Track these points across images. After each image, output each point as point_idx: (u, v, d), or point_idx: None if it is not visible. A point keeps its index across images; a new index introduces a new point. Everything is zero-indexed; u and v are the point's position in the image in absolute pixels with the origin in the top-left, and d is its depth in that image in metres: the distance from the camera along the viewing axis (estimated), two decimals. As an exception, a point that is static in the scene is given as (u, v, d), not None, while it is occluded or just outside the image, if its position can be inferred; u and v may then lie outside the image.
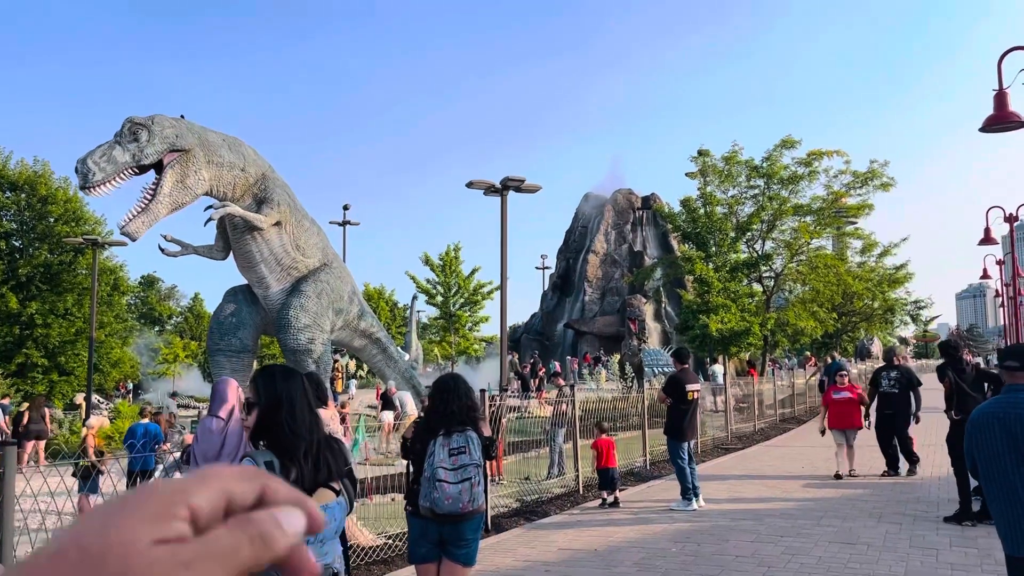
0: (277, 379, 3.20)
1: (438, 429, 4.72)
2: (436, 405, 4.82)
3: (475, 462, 4.58)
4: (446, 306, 35.50)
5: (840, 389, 13.03)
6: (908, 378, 12.95)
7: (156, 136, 19.77)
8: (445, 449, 4.62)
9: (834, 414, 12.89)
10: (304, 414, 3.11)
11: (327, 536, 3.05)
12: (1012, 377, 4.17)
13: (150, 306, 77.44)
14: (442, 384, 4.94)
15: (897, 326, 53.60)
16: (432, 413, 4.84)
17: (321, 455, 3.06)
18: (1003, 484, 4.07)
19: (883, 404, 12.85)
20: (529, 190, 20.69)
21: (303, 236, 22.66)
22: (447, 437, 4.67)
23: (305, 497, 0.57)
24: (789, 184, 27.45)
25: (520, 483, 12.95)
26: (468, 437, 4.65)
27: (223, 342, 22.58)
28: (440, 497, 4.50)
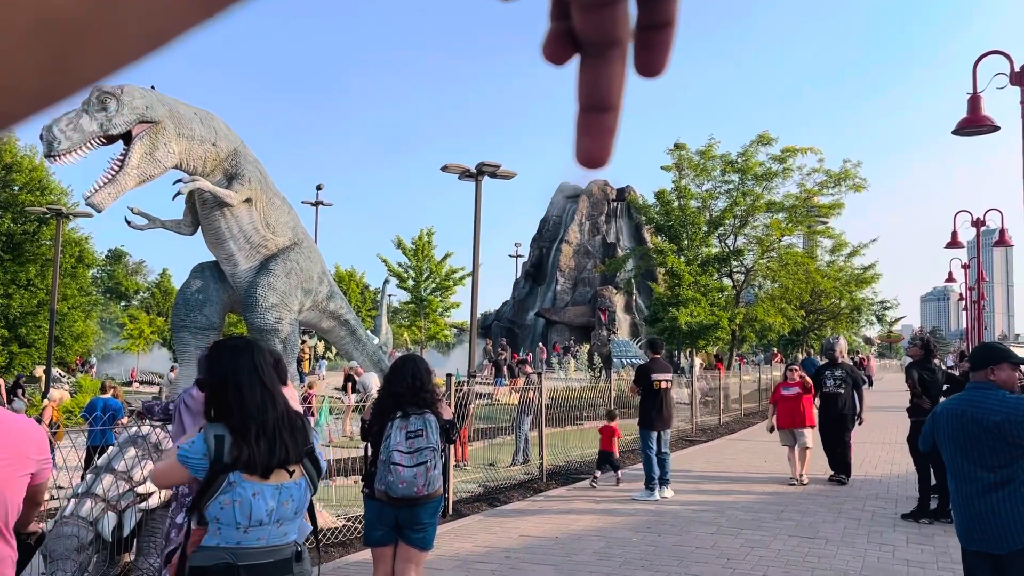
0: (223, 358, 3.09)
1: (395, 411, 4.64)
2: (393, 386, 4.74)
3: (431, 446, 4.51)
4: (417, 290, 35.32)
5: (789, 385, 11.84)
6: (853, 377, 12.13)
7: (125, 106, 19.26)
8: (402, 432, 4.54)
9: (782, 412, 11.73)
10: (255, 393, 2.99)
11: (285, 516, 2.96)
12: (974, 376, 4.21)
13: (117, 281, 76.18)
14: (399, 365, 4.86)
15: (863, 326, 54.26)
16: (389, 394, 4.76)
17: (278, 435, 2.96)
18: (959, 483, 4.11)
19: (828, 406, 11.85)
20: (504, 176, 20.57)
21: (273, 214, 22.28)
22: (404, 419, 4.59)
23: None
24: (763, 180, 27.63)
25: (484, 469, 12.91)
26: (426, 420, 4.57)
27: (188, 319, 22.18)
28: (395, 481, 4.42)
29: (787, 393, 11.81)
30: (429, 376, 4.77)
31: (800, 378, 11.88)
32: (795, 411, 11.58)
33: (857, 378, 12.22)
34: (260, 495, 2.87)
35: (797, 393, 11.68)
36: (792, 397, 11.70)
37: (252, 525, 2.86)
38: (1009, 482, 3.90)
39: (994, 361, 4.14)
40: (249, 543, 2.87)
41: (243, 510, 2.83)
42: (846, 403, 11.80)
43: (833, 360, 12.39)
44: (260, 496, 2.87)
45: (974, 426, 4.01)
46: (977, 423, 3.99)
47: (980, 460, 3.99)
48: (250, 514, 2.84)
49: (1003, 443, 3.91)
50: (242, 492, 2.84)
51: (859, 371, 13.07)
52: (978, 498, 3.98)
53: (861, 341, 70.58)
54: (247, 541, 2.86)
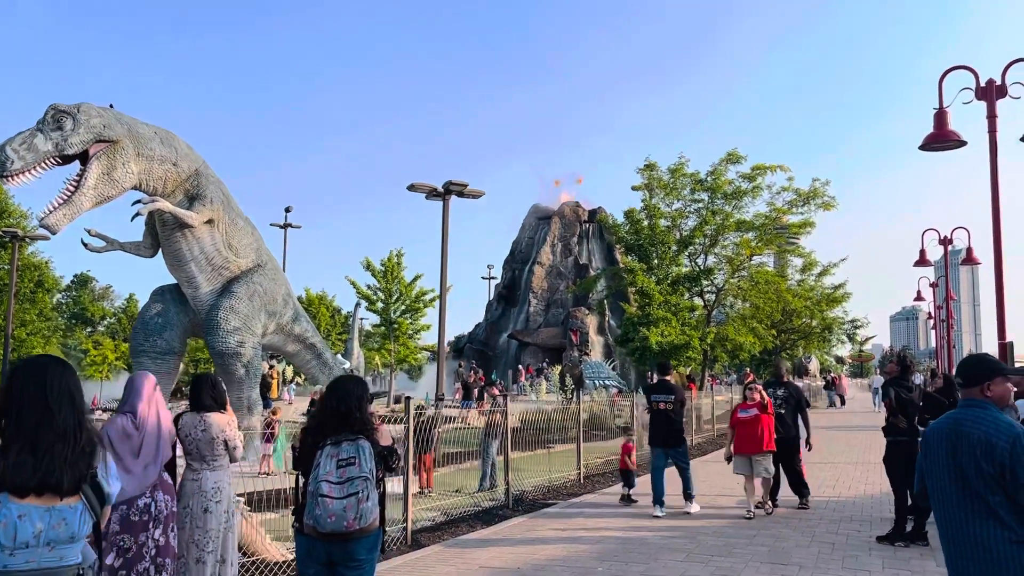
0: (15, 374, 3.02)
1: (326, 437, 4.25)
2: (324, 411, 4.36)
3: (364, 475, 4.11)
4: (387, 313, 34.74)
5: (747, 406, 10.64)
6: (797, 398, 11.29)
7: (82, 125, 18.75)
8: (332, 460, 4.15)
9: (739, 436, 10.54)
10: (33, 410, 2.92)
11: (57, 540, 2.88)
12: (965, 392, 3.83)
13: (82, 306, 74.82)
14: (332, 388, 4.49)
15: (834, 345, 54.56)
16: (319, 420, 4.37)
17: (50, 456, 2.89)
18: (948, 517, 3.71)
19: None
20: (472, 195, 20.29)
21: (236, 235, 21.80)
22: (335, 447, 4.20)
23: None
24: (732, 199, 27.60)
25: (449, 496, 12.47)
26: (359, 447, 4.18)
27: (148, 343, 21.56)
28: (323, 514, 4.02)
29: (745, 416, 10.58)
30: (363, 400, 4.39)
31: (760, 397, 10.74)
32: (752, 435, 10.38)
33: (801, 399, 11.42)
34: (27, 517, 2.85)
35: (755, 415, 10.47)
36: (750, 420, 10.47)
37: (18, 547, 2.83)
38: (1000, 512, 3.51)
39: (988, 376, 3.74)
40: (16, 565, 2.84)
41: (7, 531, 2.81)
42: (789, 426, 10.97)
43: (778, 378, 11.65)
44: (27, 518, 2.85)
45: (967, 449, 3.61)
46: (970, 446, 3.60)
47: (971, 487, 3.59)
48: (15, 535, 2.81)
49: (996, 468, 3.52)
50: (7, 513, 2.82)
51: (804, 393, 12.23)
52: (967, 527, 3.59)
53: (833, 360, 70.99)
54: (14, 564, 2.84)
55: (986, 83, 11.66)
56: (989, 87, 11.59)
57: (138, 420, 5.16)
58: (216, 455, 5.63)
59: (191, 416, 5.66)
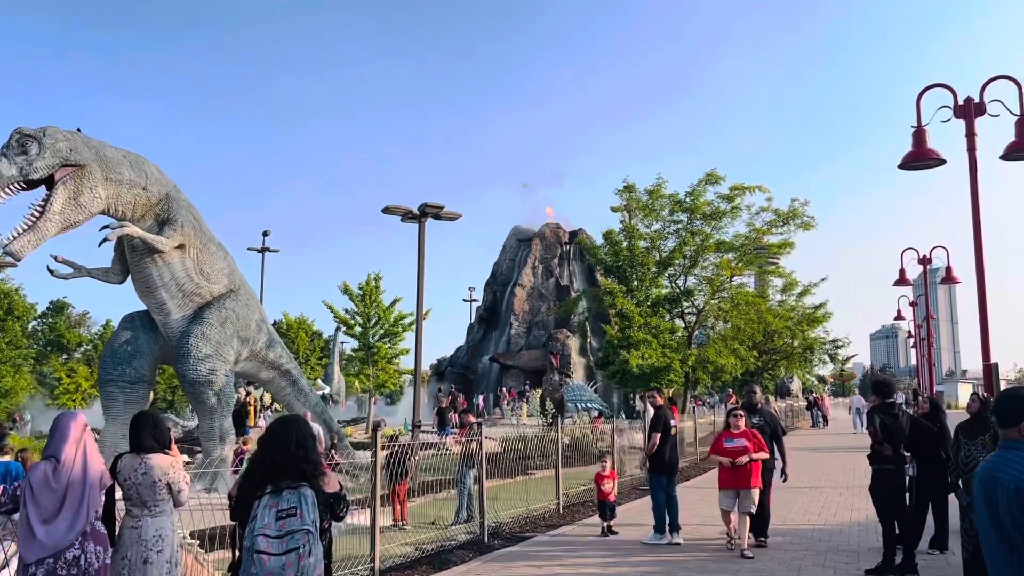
0: None
1: (265, 485, 3.87)
2: (268, 454, 3.96)
3: (306, 527, 3.72)
4: (365, 337, 34.28)
5: (733, 435, 9.81)
6: (772, 426, 10.62)
7: (47, 149, 18.31)
8: (271, 511, 3.76)
9: (724, 469, 9.77)
10: None
11: None
12: (1004, 432, 3.34)
13: (58, 333, 73.73)
14: (271, 430, 4.10)
15: (816, 365, 54.52)
16: (261, 464, 3.97)
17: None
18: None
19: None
20: (448, 217, 19.99)
21: (208, 260, 21.35)
22: (275, 496, 3.82)
23: None
24: (712, 220, 27.50)
25: (422, 529, 12.03)
26: (301, 495, 3.79)
27: (116, 372, 20.99)
28: (259, 573, 3.62)
29: (731, 446, 9.76)
30: (314, 442, 4.01)
31: (746, 427, 10.02)
32: (740, 469, 9.62)
33: (777, 427, 10.79)
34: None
35: (743, 446, 9.66)
36: (738, 451, 9.65)
37: None
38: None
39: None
40: None
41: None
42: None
43: (752, 405, 10.91)
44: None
45: (1002, 497, 3.08)
46: (1005, 493, 3.08)
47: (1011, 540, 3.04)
48: None
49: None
50: None
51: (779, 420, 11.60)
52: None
53: (815, 380, 71.03)
54: None
55: (964, 101, 11.52)
56: (967, 105, 11.45)
57: (62, 466, 4.75)
58: (158, 500, 5.21)
59: (131, 458, 5.24)
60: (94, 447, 5.01)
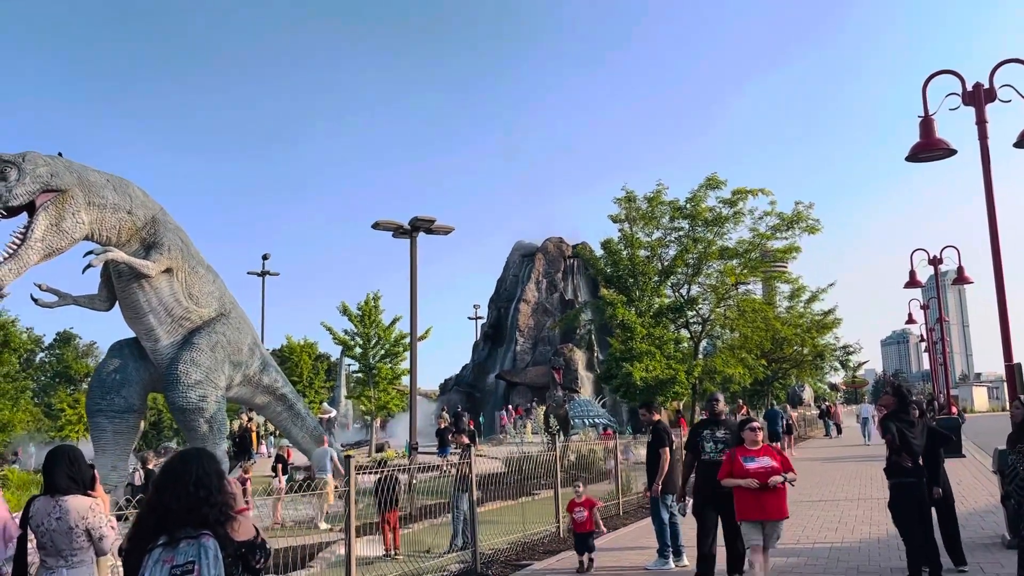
0: None
1: (156, 536, 3.20)
2: (162, 497, 3.28)
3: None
4: (365, 358, 33.65)
5: (752, 453, 7.64)
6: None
7: (27, 175, 17.81)
8: (164, 567, 3.09)
9: (748, 496, 7.52)
10: None
11: None
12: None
13: (66, 364, 73.47)
14: (166, 467, 3.41)
15: (827, 372, 53.64)
16: (153, 510, 3.29)
17: None
18: None
19: (705, 480, 8.52)
20: (441, 231, 19.40)
21: (197, 284, 20.78)
22: (169, 549, 3.15)
23: None
24: (714, 226, 26.83)
25: (415, 559, 11.35)
26: (201, 547, 3.11)
27: (104, 401, 20.36)
28: None
29: (754, 467, 7.54)
30: (220, 479, 3.34)
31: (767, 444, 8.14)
32: (770, 494, 7.50)
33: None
34: None
35: (769, 466, 7.54)
36: (763, 474, 7.49)
37: None
38: None
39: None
40: None
41: None
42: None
43: (714, 416, 9.15)
44: None
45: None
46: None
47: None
48: None
49: None
50: None
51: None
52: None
53: (827, 388, 70.04)
54: None
55: (973, 87, 10.90)
56: (977, 91, 10.83)
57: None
58: (75, 548, 4.55)
59: (44, 501, 4.60)
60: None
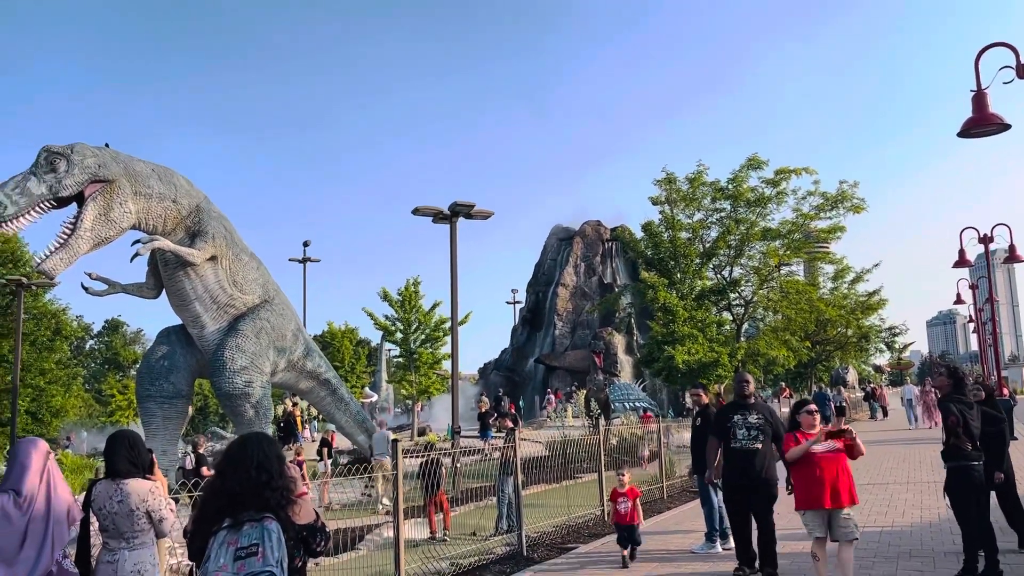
0: None
1: (220, 518, 3.26)
2: (225, 481, 3.34)
3: (268, 568, 3.08)
4: (406, 343, 33.88)
5: (813, 437, 7.12)
6: (773, 424, 8.29)
7: (76, 166, 18.20)
8: (228, 549, 3.15)
9: (808, 481, 6.99)
10: None
11: None
12: None
13: (114, 351, 75.45)
14: (228, 452, 3.45)
15: (872, 354, 52.73)
16: (217, 494, 3.35)
17: None
18: None
19: (737, 468, 8.09)
20: (480, 216, 19.39)
21: (241, 271, 21.08)
22: (234, 531, 3.20)
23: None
24: (756, 206, 26.39)
25: (461, 541, 11.43)
26: (264, 530, 3.16)
27: (154, 387, 20.82)
28: None
29: (821, 449, 7.02)
30: (281, 464, 3.39)
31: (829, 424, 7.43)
32: (839, 479, 6.91)
33: (778, 426, 8.29)
34: None
35: (835, 449, 7.02)
36: (828, 459, 6.99)
37: None
38: None
39: None
40: None
41: None
42: (764, 464, 8.03)
43: (743, 398, 8.44)
44: None
45: None
46: None
47: None
48: None
49: None
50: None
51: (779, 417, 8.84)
52: None
53: (871, 370, 68.89)
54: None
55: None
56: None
57: (23, 499, 4.22)
58: (137, 531, 4.65)
59: (106, 484, 4.70)
60: (60, 477, 4.48)
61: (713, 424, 8.89)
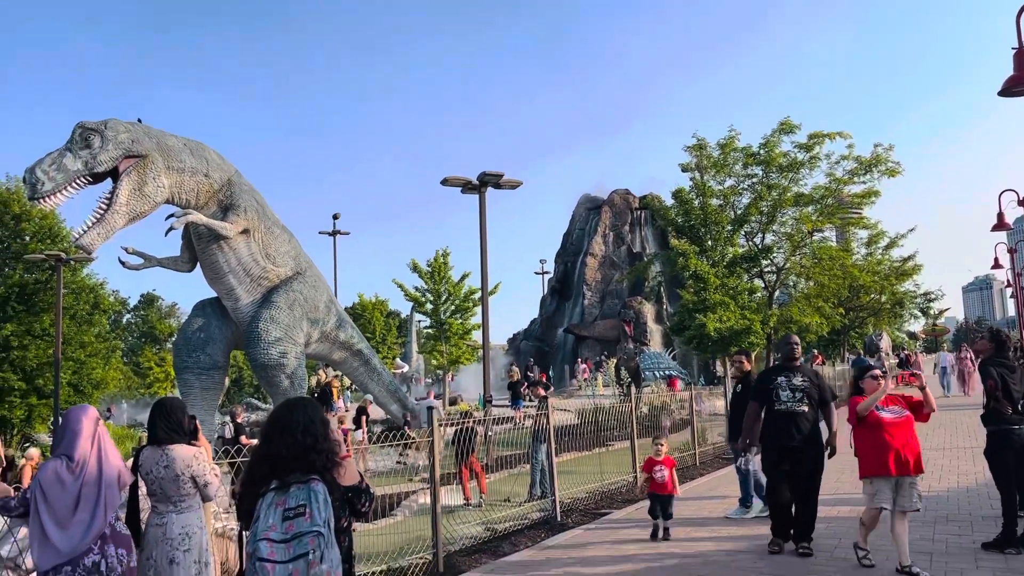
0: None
1: (267, 481, 3.33)
2: (271, 445, 3.41)
3: (316, 529, 3.16)
4: (436, 314, 34.09)
5: (880, 403, 6.97)
6: (820, 388, 7.98)
7: (110, 142, 18.43)
8: (277, 510, 3.23)
9: (877, 447, 6.80)
10: None
11: None
12: None
13: (151, 325, 76.88)
14: (283, 415, 3.53)
15: (906, 320, 52.03)
16: (264, 457, 3.43)
17: None
18: None
19: (781, 432, 7.73)
20: (509, 186, 19.34)
21: (273, 244, 21.30)
22: (281, 492, 3.28)
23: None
24: (788, 172, 25.98)
25: (495, 508, 11.57)
26: (311, 491, 3.24)
27: (191, 359, 21.22)
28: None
29: (890, 417, 6.91)
30: (325, 427, 3.46)
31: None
32: (908, 445, 6.83)
33: (825, 390, 8.04)
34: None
35: (905, 416, 6.97)
36: (900, 424, 6.88)
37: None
38: None
39: None
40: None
41: None
42: (812, 428, 7.73)
43: (790, 361, 8.17)
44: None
45: None
46: None
47: None
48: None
49: None
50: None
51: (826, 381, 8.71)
52: None
53: (905, 337, 68.01)
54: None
55: (1075, 12, 10.21)
56: (1079, 17, 10.14)
57: (75, 463, 4.35)
58: (183, 495, 4.78)
59: (151, 450, 4.83)
60: (110, 442, 4.61)
61: (754, 387, 8.48)
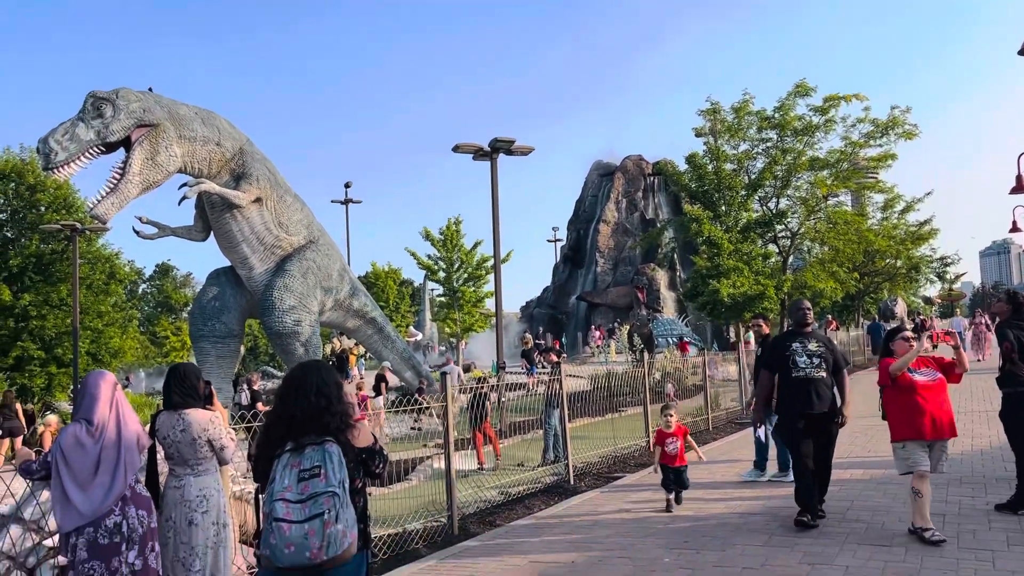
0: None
1: (285, 442, 3.38)
2: (286, 407, 3.46)
3: (331, 490, 3.20)
4: (449, 282, 34.17)
5: (913, 365, 6.92)
6: (834, 353, 7.81)
7: (121, 111, 18.43)
8: (292, 471, 3.27)
9: (909, 411, 6.74)
10: None
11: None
12: None
13: (166, 294, 77.51)
14: (296, 377, 3.57)
15: (922, 285, 51.67)
16: (279, 419, 3.47)
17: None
18: None
19: (796, 398, 7.49)
20: (520, 152, 19.22)
21: (286, 212, 21.34)
22: (296, 454, 3.33)
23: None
24: (803, 135, 25.67)
25: (508, 472, 11.68)
26: (326, 453, 3.28)
27: (206, 327, 21.42)
28: (278, 544, 3.13)
29: (924, 379, 6.86)
30: (339, 390, 3.49)
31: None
32: (942, 408, 6.83)
33: (839, 357, 7.87)
34: None
35: (939, 380, 6.96)
36: (933, 386, 6.86)
37: None
38: None
39: None
40: None
41: None
42: (831, 392, 7.58)
43: (802, 326, 7.90)
44: None
45: None
46: None
47: None
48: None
49: None
50: None
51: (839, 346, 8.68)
52: None
53: (921, 302, 67.61)
54: None
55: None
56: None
57: (95, 427, 4.42)
58: (200, 458, 4.86)
59: (168, 415, 4.90)
60: (128, 407, 4.68)
61: (767, 353, 8.28)
